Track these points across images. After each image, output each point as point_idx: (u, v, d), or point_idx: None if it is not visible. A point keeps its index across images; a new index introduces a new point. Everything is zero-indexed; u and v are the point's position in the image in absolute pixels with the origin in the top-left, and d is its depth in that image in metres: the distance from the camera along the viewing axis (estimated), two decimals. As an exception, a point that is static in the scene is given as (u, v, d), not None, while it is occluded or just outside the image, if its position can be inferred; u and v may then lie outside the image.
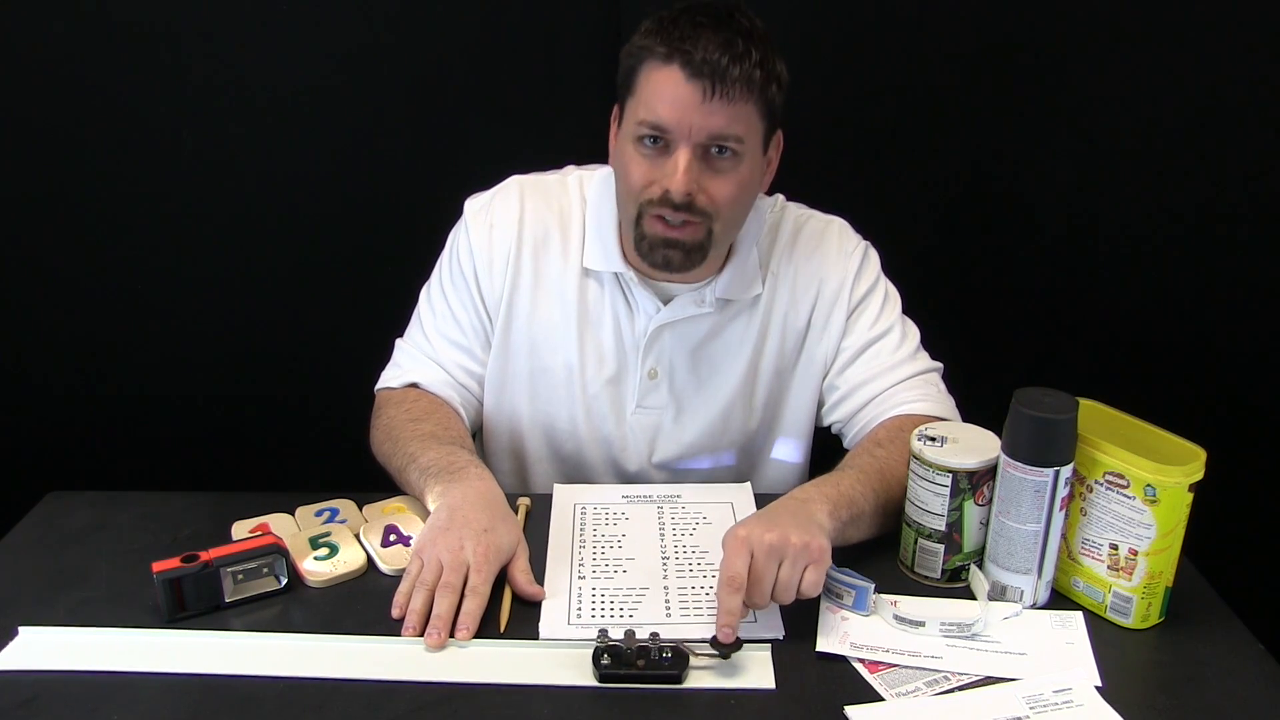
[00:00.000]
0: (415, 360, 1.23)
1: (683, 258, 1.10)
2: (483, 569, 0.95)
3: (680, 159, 1.04)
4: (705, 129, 1.03)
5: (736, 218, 1.12)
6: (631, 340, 1.20)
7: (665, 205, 1.06)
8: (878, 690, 0.87)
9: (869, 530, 1.05)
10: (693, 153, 1.04)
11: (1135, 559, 0.93)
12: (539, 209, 1.21)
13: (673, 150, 1.05)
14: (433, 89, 1.57)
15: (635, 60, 1.07)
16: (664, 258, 1.10)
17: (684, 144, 1.04)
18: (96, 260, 1.65)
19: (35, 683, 0.87)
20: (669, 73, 1.03)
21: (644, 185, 1.08)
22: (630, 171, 1.08)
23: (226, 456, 1.76)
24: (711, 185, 1.06)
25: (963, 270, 1.67)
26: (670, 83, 1.03)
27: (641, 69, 1.06)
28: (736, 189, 1.08)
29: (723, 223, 1.09)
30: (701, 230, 1.08)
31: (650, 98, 1.05)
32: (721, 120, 1.03)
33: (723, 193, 1.07)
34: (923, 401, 1.17)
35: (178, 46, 1.53)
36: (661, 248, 1.09)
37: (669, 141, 1.05)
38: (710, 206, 1.07)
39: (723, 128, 1.03)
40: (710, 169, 1.06)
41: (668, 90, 1.03)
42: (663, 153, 1.06)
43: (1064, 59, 1.54)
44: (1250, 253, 1.61)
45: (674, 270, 1.11)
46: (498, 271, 1.20)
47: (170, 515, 1.12)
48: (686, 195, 1.05)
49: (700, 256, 1.11)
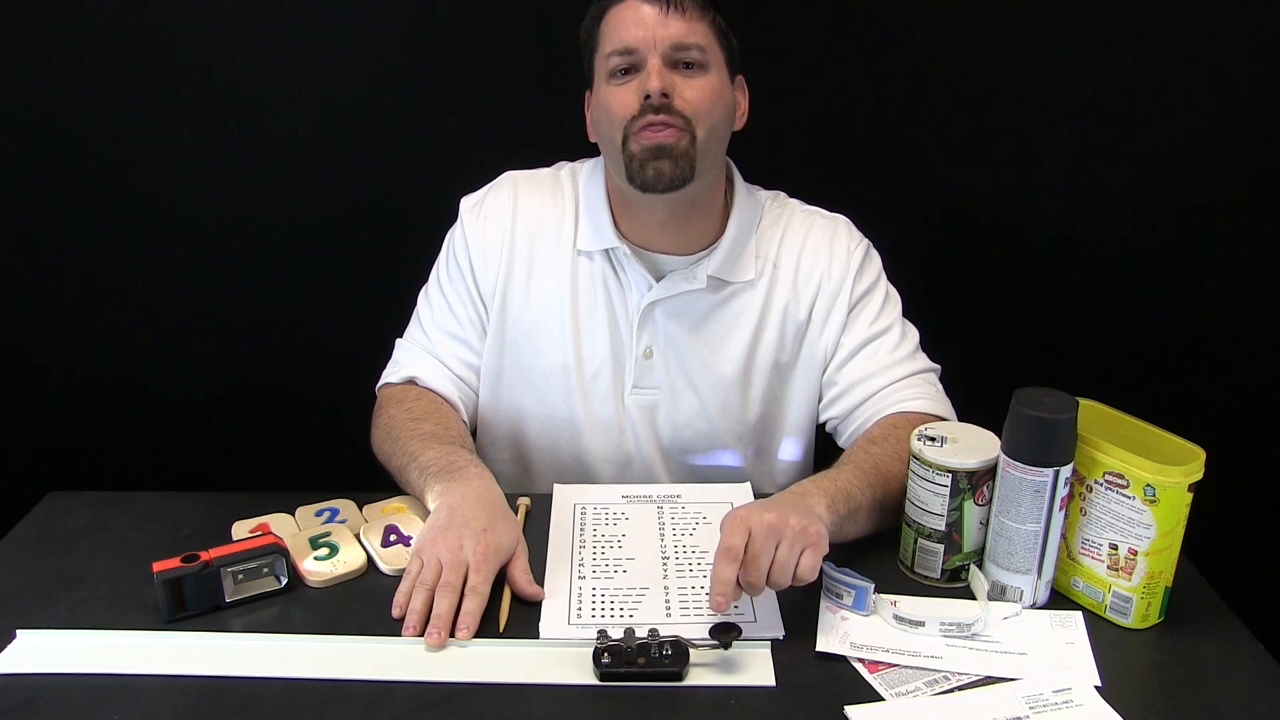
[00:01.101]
0: (414, 355, 1.24)
1: (672, 165, 1.11)
2: (482, 568, 0.95)
3: (652, 66, 1.11)
4: (668, 38, 1.11)
5: (716, 126, 1.14)
6: (625, 320, 1.21)
7: (646, 113, 1.11)
8: (878, 690, 0.87)
9: (866, 526, 1.05)
10: (662, 61, 1.11)
11: (1135, 559, 0.93)
12: (532, 200, 1.23)
13: (644, 69, 1.11)
14: (432, 89, 1.57)
15: (594, 19, 1.16)
16: (655, 170, 1.12)
17: (652, 55, 1.11)
18: (96, 260, 1.65)
19: (35, 684, 0.87)
20: (628, 4, 1.13)
21: (624, 109, 1.12)
22: (610, 105, 1.13)
23: (226, 456, 1.76)
24: (685, 89, 1.12)
25: (963, 270, 1.67)
26: (630, 9, 1.12)
27: (603, 18, 1.15)
28: (710, 92, 1.13)
29: (704, 128, 1.12)
30: (685, 135, 1.12)
31: (615, 29, 1.13)
32: (681, 28, 1.11)
33: (697, 95, 1.12)
34: (919, 400, 1.17)
35: (178, 46, 1.53)
36: (651, 159, 1.12)
37: (638, 64, 1.12)
38: (688, 109, 1.11)
39: (684, 35, 1.11)
40: (680, 76, 1.12)
41: (629, 15, 1.12)
42: (635, 76, 1.12)
43: (1064, 59, 1.54)
44: (1250, 253, 1.61)
45: (665, 184, 1.12)
46: (492, 262, 1.22)
47: (170, 515, 1.12)
48: (662, 93, 1.10)
49: (688, 165, 1.12)
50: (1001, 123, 1.58)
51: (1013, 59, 1.55)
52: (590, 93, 1.20)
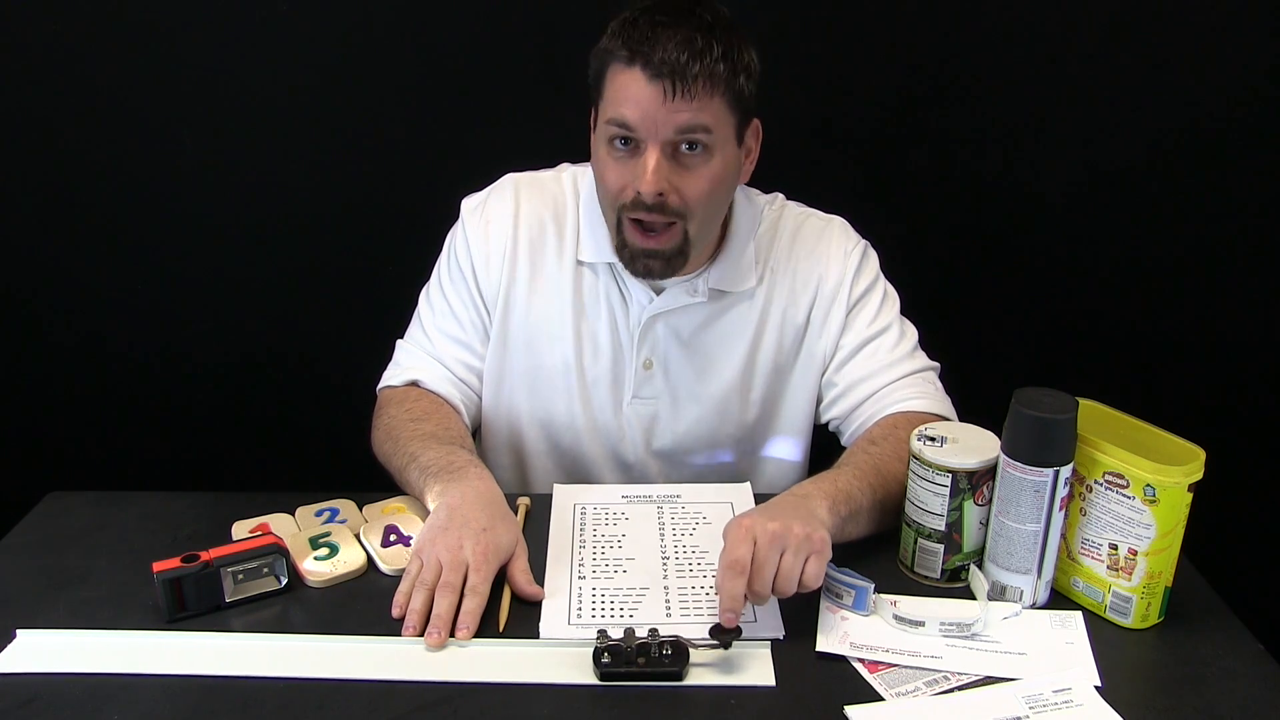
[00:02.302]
0: (415, 358, 1.24)
1: (663, 266, 1.11)
2: (482, 568, 0.95)
3: (649, 159, 1.05)
4: (671, 125, 1.04)
5: (712, 213, 1.13)
6: (626, 331, 1.21)
7: (639, 208, 1.08)
8: (877, 690, 0.87)
9: (867, 527, 1.05)
10: (661, 151, 1.05)
11: (1135, 559, 0.93)
12: (534, 204, 1.22)
13: (642, 150, 1.06)
14: (432, 90, 1.57)
15: (601, 63, 1.08)
16: (645, 267, 1.12)
17: (652, 144, 1.05)
18: (96, 260, 1.65)
19: (35, 684, 0.87)
20: (631, 75, 1.04)
21: (618, 189, 1.09)
22: (605, 175, 1.10)
23: (226, 456, 1.76)
24: (682, 183, 1.07)
25: (963, 270, 1.67)
26: (633, 84, 1.04)
27: (607, 71, 1.07)
28: (709, 184, 1.08)
29: (698, 221, 1.10)
30: (678, 233, 1.10)
31: (615, 99, 1.06)
32: (686, 117, 1.04)
33: (694, 189, 1.07)
34: (919, 399, 1.17)
35: (178, 46, 1.53)
36: (642, 258, 1.11)
37: (637, 141, 1.06)
38: (682, 206, 1.08)
39: (688, 123, 1.04)
40: (681, 166, 1.07)
41: (631, 92, 1.04)
42: (634, 153, 1.07)
43: (1065, 59, 1.54)
44: (1250, 253, 1.61)
45: (656, 278, 1.14)
46: (494, 266, 1.21)
47: (170, 515, 1.12)
48: (657, 195, 1.06)
49: (681, 261, 1.12)
50: (1002, 123, 1.58)
51: (1013, 59, 1.55)
52: (595, 116, 1.13)
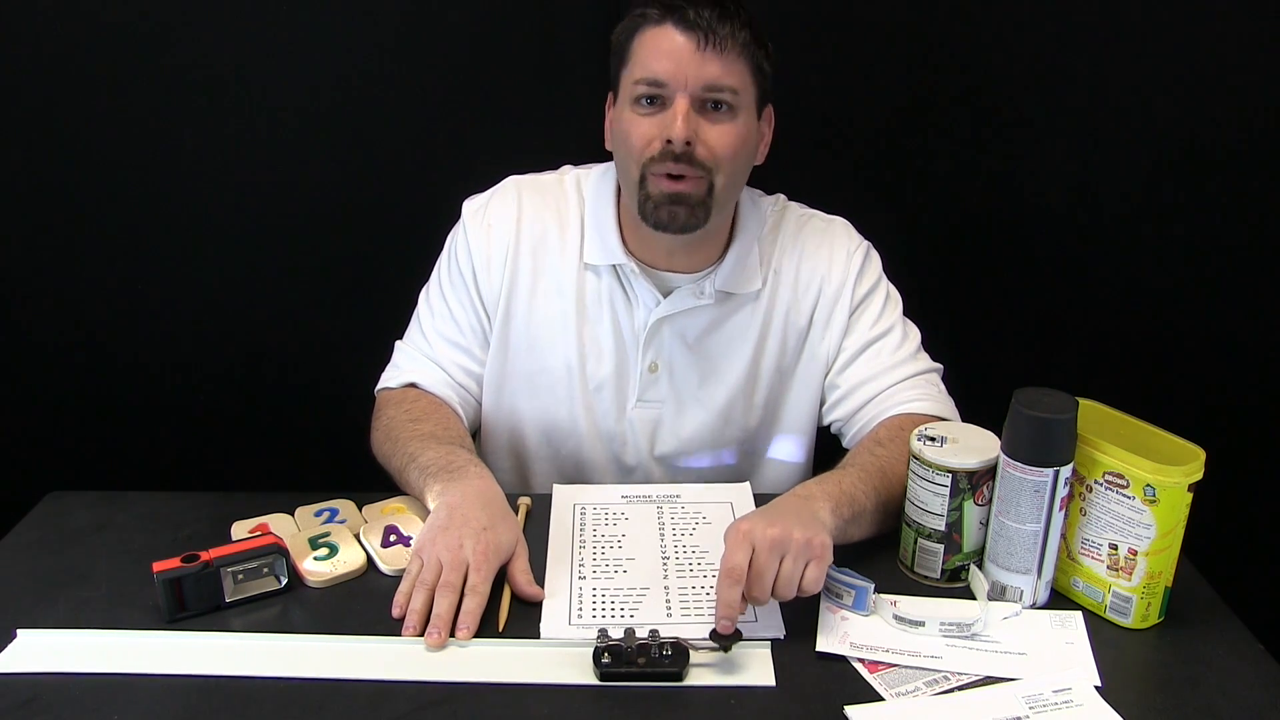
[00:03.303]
0: (414, 361, 1.23)
1: (687, 213, 1.11)
2: (482, 567, 0.95)
3: (679, 107, 1.07)
4: (700, 79, 1.06)
5: (736, 173, 1.13)
6: (631, 334, 1.21)
7: (667, 159, 1.08)
8: (878, 690, 0.87)
9: (870, 528, 1.05)
10: (690, 103, 1.07)
11: (1135, 559, 0.93)
12: (536, 207, 1.22)
13: (670, 104, 1.08)
14: (432, 90, 1.57)
15: (628, 32, 1.11)
16: (669, 214, 1.11)
17: (681, 94, 1.07)
18: (97, 260, 1.65)
19: (35, 684, 0.87)
20: (663, 30, 1.08)
21: (645, 144, 1.10)
22: (630, 134, 1.11)
23: (226, 456, 1.76)
24: (709, 135, 1.09)
25: (963, 270, 1.67)
26: (665, 38, 1.07)
27: (636, 36, 1.10)
28: (735, 140, 1.10)
29: (723, 176, 1.10)
30: (703, 184, 1.10)
31: (646, 57, 1.08)
32: (716, 69, 1.06)
33: (721, 142, 1.09)
34: (923, 401, 1.17)
35: (178, 46, 1.53)
36: (666, 204, 1.10)
37: (665, 97, 1.08)
38: (709, 159, 1.09)
39: (717, 77, 1.07)
40: (707, 120, 1.09)
41: (663, 44, 1.07)
42: (660, 109, 1.09)
43: (1067, 59, 1.54)
44: (1250, 253, 1.61)
45: (678, 227, 1.12)
46: (495, 270, 1.21)
47: (170, 515, 1.12)
48: (686, 142, 1.07)
49: (704, 213, 1.12)
50: (1003, 123, 1.58)
51: (1015, 59, 1.54)
52: (613, 99, 1.17)
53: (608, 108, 1.19)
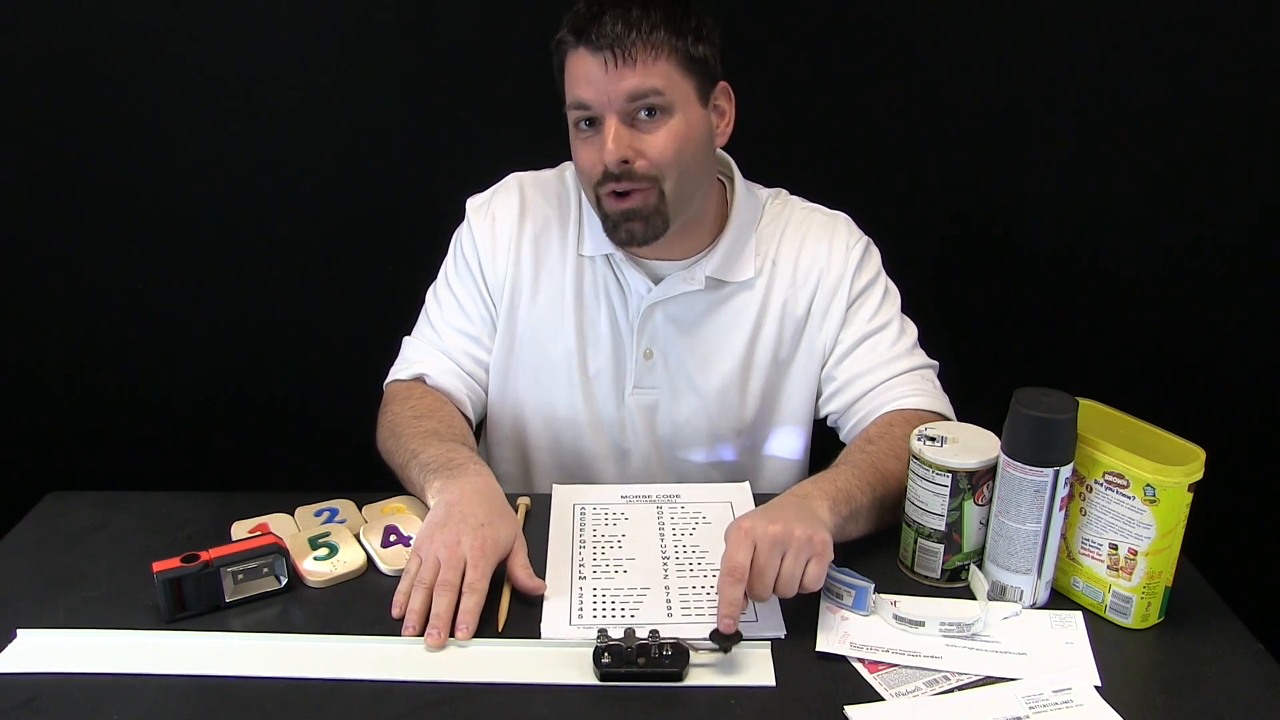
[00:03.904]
0: (423, 352, 1.24)
1: (643, 226, 1.12)
2: (479, 564, 0.95)
3: (608, 130, 1.08)
4: (620, 93, 1.07)
5: (687, 170, 1.12)
6: (625, 322, 1.22)
7: (609, 180, 1.09)
8: (878, 690, 0.87)
9: (867, 525, 1.05)
10: (619, 120, 1.08)
11: (1135, 559, 0.93)
12: (538, 201, 1.24)
13: (601, 125, 1.09)
14: (434, 89, 1.57)
15: (559, 56, 1.12)
16: (626, 232, 1.12)
17: (609, 115, 1.08)
18: (97, 260, 1.65)
19: (35, 684, 0.87)
20: (578, 56, 1.08)
21: (590, 168, 1.11)
22: (579, 159, 1.13)
23: (226, 456, 1.76)
24: (644, 145, 1.09)
25: (963, 269, 1.67)
26: (581, 64, 1.08)
27: (564, 61, 1.11)
28: (674, 141, 1.09)
29: (672, 180, 1.11)
30: (652, 194, 1.11)
31: (571, 83, 1.10)
32: (633, 82, 1.06)
33: (658, 149, 1.09)
34: (918, 396, 1.17)
35: (178, 46, 1.53)
36: (622, 222, 1.12)
37: (596, 119, 1.09)
38: (650, 168, 1.09)
39: (636, 88, 1.06)
40: (640, 131, 1.09)
41: (580, 71, 1.08)
42: (597, 131, 1.10)
43: (1065, 58, 1.54)
44: (1250, 253, 1.62)
45: (639, 243, 1.13)
46: (500, 260, 1.23)
47: (170, 515, 1.12)
48: (620, 162, 1.08)
49: (660, 222, 1.12)
50: (1004, 122, 1.58)
51: (1015, 58, 1.55)
52: None
53: None
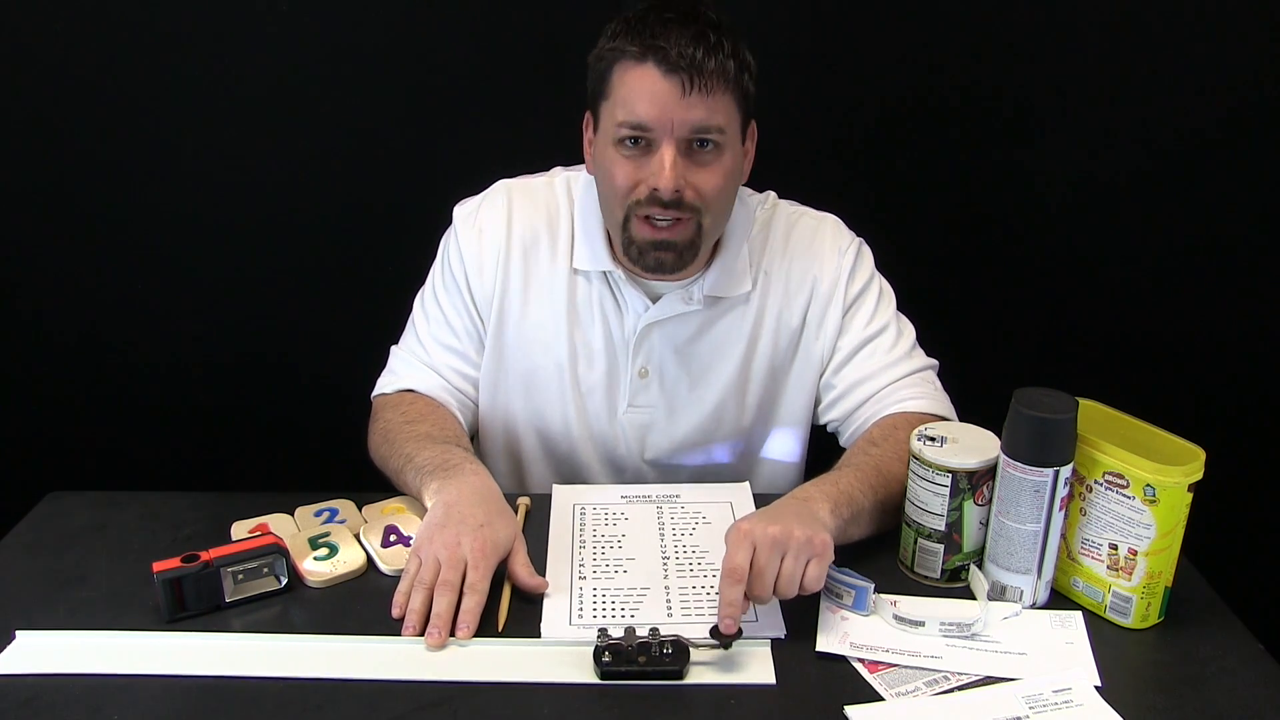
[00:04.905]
0: (410, 366, 1.23)
1: (675, 259, 1.11)
2: (480, 565, 0.95)
3: (665, 156, 1.04)
4: (687, 123, 1.04)
5: (724, 209, 1.12)
6: (621, 339, 1.21)
7: (653, 204, 1.07)
8: (878, 690, 0.87)
9: (868, 528, 1.05)
10: (676, 148, 1.04)
11: (1135, 559, 0.93)
12: (527, 211, 1.22)
13: (656, 148, 1.05)
14: (430, 93, 1.57)
15: (606, 64, 1.07)
16: (656, 260, 1.11)
17: (667, 140, 1.04)
18: (96, 260, 1.65)
19: (35, 684, 0.87)
20: (644, 71, 1.03)
21: (630, 187, 1.08)
22: (614, 175, 1.08)
23: (226, 456, 1.76)
24: (697, 179, 1.07)
25: (963, 269, 1.67)
26: (647, 80, 1.03)
27: (614, 71, 1.06)
28: (722, 179, 1.08)
29: (711, 215, 1.10)
30: (691, 226, 1.09)
31: (628, 98, 1.05)
32: (702, 113, 1.03)
33: (709, 185, 1.07)
34: (919, 399, 1.17)
35: (178, 46, 1.53)
36: (652, 250, 1.10)
37: (650, 140, 1.05)
38: (698, 200, 1.07)
39: (704, 120, 1.04)
40: (694, 163, 1.06)
41: (645, 88, 1.03)
42: (645, 152, 1.06)
43: (1064, 58, 1.54)
44: (1250, 252, 1.61)
45: (667, 272, 1.12)
46: (488, 274, 1.21)
47: (170, 515, 1.12)
48: (675, 192, 1.05)
49: (692, 254, 1.11)
50: (1003, 121, 1.58)
51: (1013, 57, 1.55)
52: (592, 122, 1.13)
53: (586, 126, 1.16)
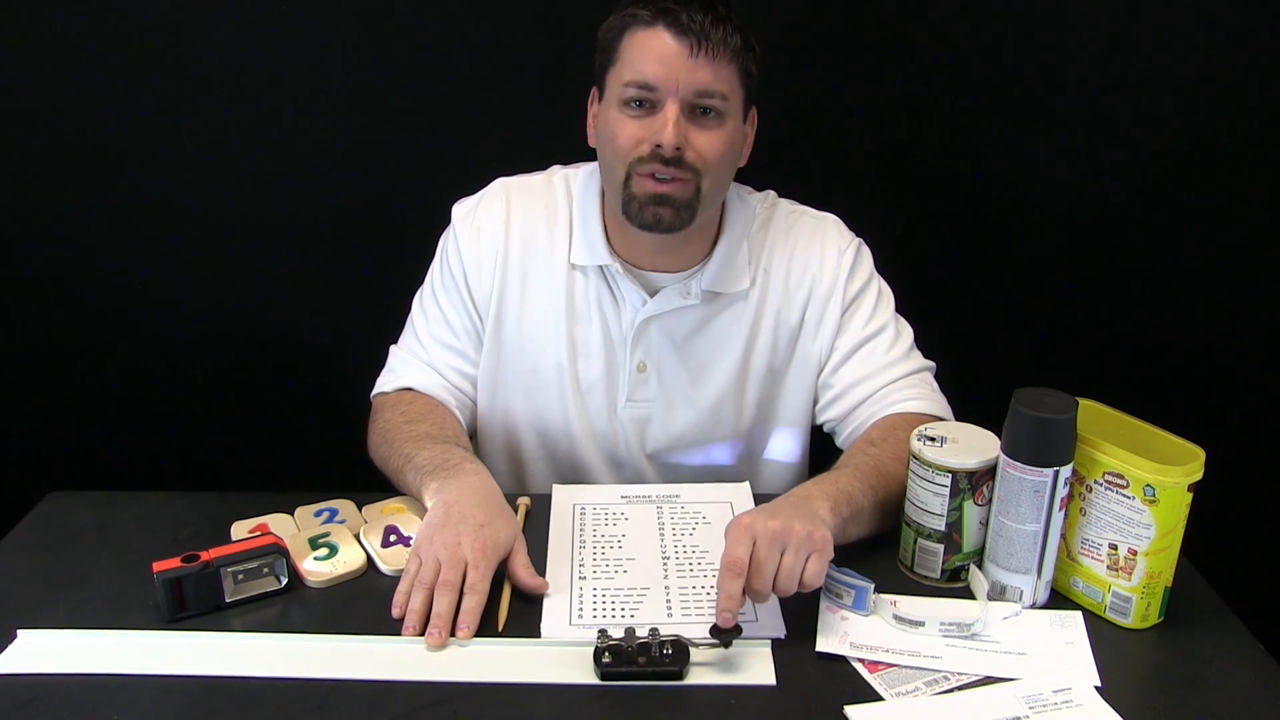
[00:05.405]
0: (409, 365, 1.23)
1: (673, 215, 1.11)
2: (480, 565, 0.95)
3: (669, 113, 1.06)
4: (691, 84, 1.06)
5: (722, 177, 1.13)
6: (619, 334, 1.21)
7: (655, 161, 1.08)
8: (877, 690, 0.87)
9: (868, 527, 1.05)
10: (680, 108, 1.07)
11: (1134, 559, 0.93)
12: (525, 209, 1.22)
13: (660, 108, 1.08)
14: (429, 92, 1.57)
15: (616, 31, 1.11)
16: (654, 215, 1.11)
17: (671, 99, 1.06)
18: (97, 260, 1.65)
19: (35, 684, 0.87)
20: (654, 33, 1.07)
21: (632, 144, 1.09)
22: (617, 134, 1.10)
23: (226, 456, 1.76)
24: (699, 140, 1.08)
25: (963, 270, 1.67)
26: (657, 41, 1.06)
27: (625, 36, 1.09)
28: (723, 145, 1.10)
29: (710, 179, 1.10)
30: (690, 186, 1.10)
31: (636, 59, 1.08)
32: (707, 75, 1.06)
33: (710, 147, 1.09)
34: (917, 400, 1.17)
35: (178, 46, 1.53)
36: (651, 205, 1.10)
37: (655, 101, 1.08)
38: (699, 161, 1.09)
39: (709, 83, 1.06)
40: (697, 126, 1.09)
41: (654, 48, 1.06)
42: (649, 113, 1.09)
43: (1064, 58, 1.54)
44: (1250, 253, 1.61)
45: (664, 228, 1.11)
46: (486, 272, 1.21)
47: (170, 515, 1.12)
48: (677, 148, 1.07)
49: (689, 215, 1.11)
50: (1003, 121, 1.58)
51: (1015, 57, 1.55)
52: (597, 94, 1.16)
53: (591, 102, 1.19)
